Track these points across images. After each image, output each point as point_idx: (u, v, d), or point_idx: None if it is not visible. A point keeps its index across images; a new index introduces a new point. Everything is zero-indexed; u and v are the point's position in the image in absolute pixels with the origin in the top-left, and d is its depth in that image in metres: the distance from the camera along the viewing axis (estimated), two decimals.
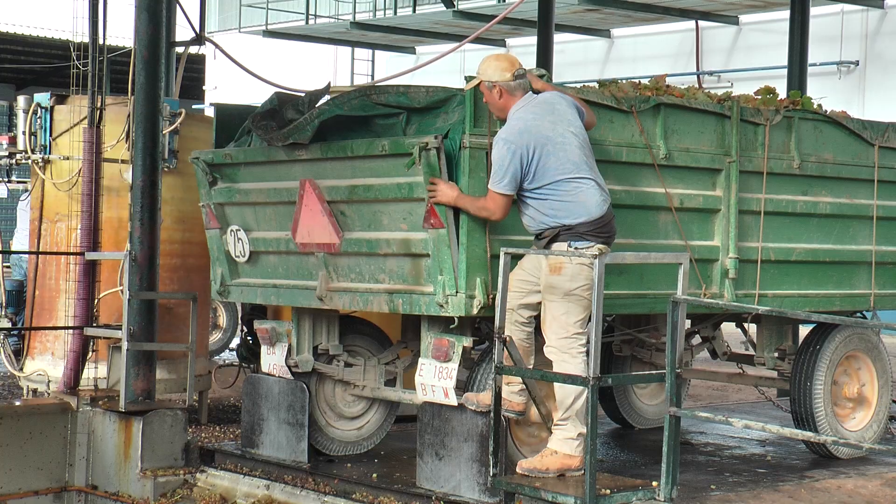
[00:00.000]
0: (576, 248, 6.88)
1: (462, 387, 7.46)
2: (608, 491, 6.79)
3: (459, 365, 7.39)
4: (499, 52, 6.91)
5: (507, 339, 6.94)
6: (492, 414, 7.00)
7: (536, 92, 7.21)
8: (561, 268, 6.94)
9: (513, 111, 7.07)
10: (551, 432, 7.14)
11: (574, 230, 6.93)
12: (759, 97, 8.65)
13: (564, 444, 7.01)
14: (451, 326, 7.38)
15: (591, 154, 7.11)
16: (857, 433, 8.83)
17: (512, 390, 7.17)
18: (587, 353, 6.83)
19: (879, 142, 9.08)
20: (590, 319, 6.85)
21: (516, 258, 7.11)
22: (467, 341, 7.45)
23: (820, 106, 8.92)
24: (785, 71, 15.69)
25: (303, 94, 8.38)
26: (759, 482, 7.90)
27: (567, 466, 7.00)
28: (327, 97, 8.09)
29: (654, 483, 6.89)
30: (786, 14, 16.25)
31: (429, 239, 7.30)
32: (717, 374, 9.87)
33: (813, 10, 16.15)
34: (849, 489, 7.68)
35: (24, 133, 10.22)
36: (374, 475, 8.05)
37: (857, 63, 22.03)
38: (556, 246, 6.97)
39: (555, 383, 7.03)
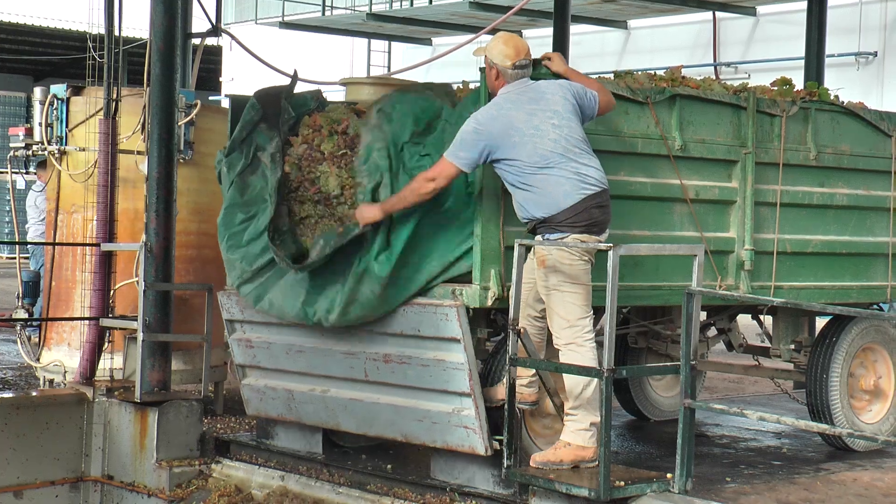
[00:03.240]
0: (547, 240, 6.89)
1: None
2: (622, 483, 6.79)
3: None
4: (516, 36, 6.93)
5: (522, 330, 6.92)
6: (506, 406, 7.00)
7: (536, 79, 7.11)
8: (544, 260, 6.93)
9: (500, 92, 7.05)
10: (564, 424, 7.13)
11: (547, 223, 6.91)
12: (776, 88, 8.61)
13: (577, 435, 7.00)
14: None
15: (577, 143, 6.94)
16: (874, 426, 8.79)
17: (521, 382, 7.15)
18: (601, 343, 6.82)
19: None
20: (603, 311, 6.83)
21: (531, 250, 7.09)
22: (482, 333, 7.44)
23: (837, 97, 8.88)
24: (803, 62, 15.59)
25: (282, 89, 8.05)
26: (775, 474, 7.88)
27: (581, 458, 6.99)
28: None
29: (669, 475, 6.88)
30: (803, 5, 16.11)
31: None
32: (733, 367, 9.84)
33: (831, 1, 16.01)
34: (865, 482, 7.65)
35: (40, 124, 10.26)
36: (389, 466, 8.05)
37: (875, 54, 21.88)
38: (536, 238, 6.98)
39: (563, 373, 7.02)
